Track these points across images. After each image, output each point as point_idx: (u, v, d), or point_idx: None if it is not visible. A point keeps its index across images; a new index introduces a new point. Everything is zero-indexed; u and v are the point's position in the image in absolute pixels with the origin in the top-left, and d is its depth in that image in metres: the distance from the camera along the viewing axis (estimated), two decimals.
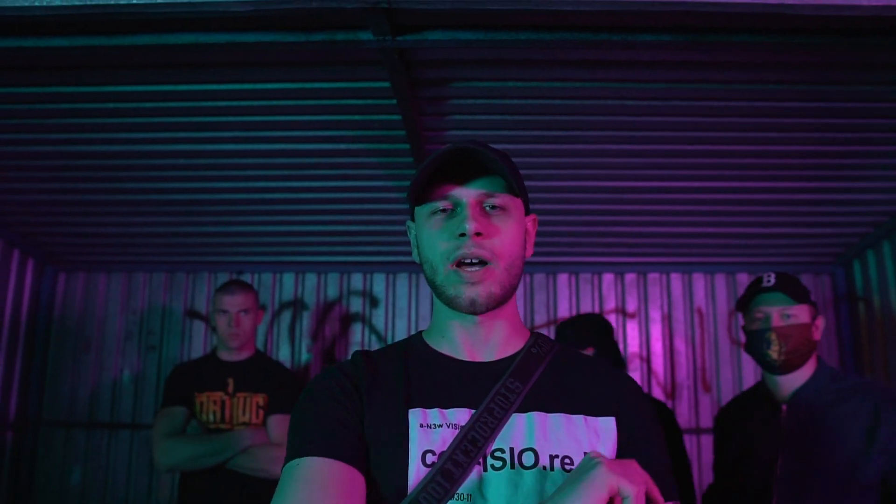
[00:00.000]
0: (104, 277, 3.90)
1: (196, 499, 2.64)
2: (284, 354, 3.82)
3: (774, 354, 2.00)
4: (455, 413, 1.03)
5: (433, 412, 1.02)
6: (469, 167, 1.06)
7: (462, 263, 1.03)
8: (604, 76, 2.22)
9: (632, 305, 3.85)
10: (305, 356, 3.83)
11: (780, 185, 2.91)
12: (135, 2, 1.61)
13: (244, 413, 2.68)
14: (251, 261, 3.84)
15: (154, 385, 3.77)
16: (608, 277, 3.87)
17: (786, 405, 2.05)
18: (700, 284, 3.85)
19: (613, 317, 3.84)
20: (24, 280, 3.70)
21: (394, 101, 2.26)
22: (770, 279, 2.04)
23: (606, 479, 0.84)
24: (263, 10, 1.64)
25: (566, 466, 1.00)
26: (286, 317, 3.86)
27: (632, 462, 0.89)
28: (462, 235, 1.03)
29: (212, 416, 2.67)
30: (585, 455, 0.90)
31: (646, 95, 2.32)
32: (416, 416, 1.02)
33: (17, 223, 3.42)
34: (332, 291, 3.88)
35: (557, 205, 3.10)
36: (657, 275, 3.86)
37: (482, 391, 1.05)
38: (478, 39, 1.85)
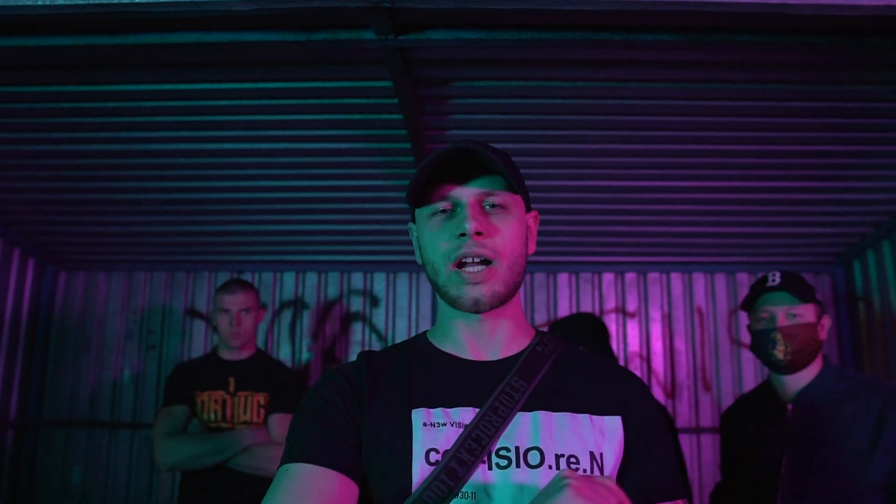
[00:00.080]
0: (105, 277, 3.90)
1: (197, 498, 2.64)
2: (285, 353, 3.82)
3: (780, 354, 1.99)
4: (459, 412, 1.02)
5: (437, 411, 1.02)
6: (468, 167, 1.06)
7: (463, 264, 1.03)
8: (605, 76, 2.22)
9: (632, 305, 3.85)
10: (306, 355, 3.83)
11: (780, 185, 2.91)
12: (137, 1, 1.61)
13: (245, 412, 2.68)
14: (252, 260, 3.84)
15: (154, 384, 3.77)
16: (608, 277, 3.88)
17: (791, 405, 2.03)
18: (700, 284, 3.86)
19: (613, 316, 3.84)
20: (25, 279, 3.70)
21: (395, 101, 2.26)
22: (775, 278, 2.02)
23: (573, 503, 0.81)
24: (266, 10, 1.64)
25: (572, 466, 0.99)
26: (287, 316, 3.86)
27: (606, 481, 0.84)
28: (462, 235, 1.03)
29: (213, 415, 2.67)
30: (556, 475, 0.85)
31: (647, 95, 2.32)
32: (420, 416, 1.02)
33: (18, 222, 3.42)
34: (333, 291, 3.88)
35: (558, 204, 3.10)
36: (657, 274, 3.86)
37: (487, 390, 1.04)
38: (479, 39, 1.86)
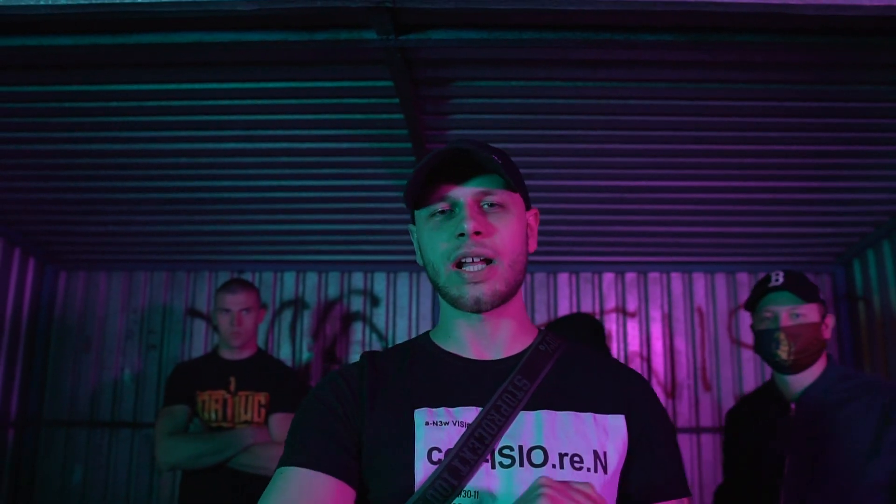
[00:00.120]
0: (105, 276, 3.90)
1: (197, 497, 2.64)
2: (285, 353, 3.82)
3: (783, 354, 1.98)
4: (462, 411, 1.02)
5: (440, 410, 1.02)
6: (466, 166, 1.05)
7: (463, 263, 1.03)
8: (605, 76, 2.22)
9: (632, 305, 3.85)
10: (306, 355, 3.83)
11: (780, 185, 2.92)
12: (139, 0, 1.61)
13: (246, 411, 2.68)
14: (252, 260, 3.84)
15: (155, 384, 3.77)
16: (608, 277, 3.88)
17: (795, 404, 2.02)
18: (700, 284, 3.86)
19: (614, 316, 3.84)
20: (25, 279, 3.70)
21: (396, 101, 2.26)
22: (778, 278, 2.00)
23: None
24: (267, 10, 1.64)
25: (575, 464, 0.99)
26: (287, 316, 3.86)
27: (583, 487, 0.83)
28: (461, 235, 1.02)
29: (213, 415, 2.67)
30: (534, 482, 0.84)
31: (647, 95, 2.32)
32: (423, 415, 1.01)
33: (19, 222, 3.42)
34: (333, 290, 3.88)
35: (558, 204, 3.10)
36: (657, 274, 3.86)
37: (489, 389, 1.04)
38: (481, 39, 1.86)
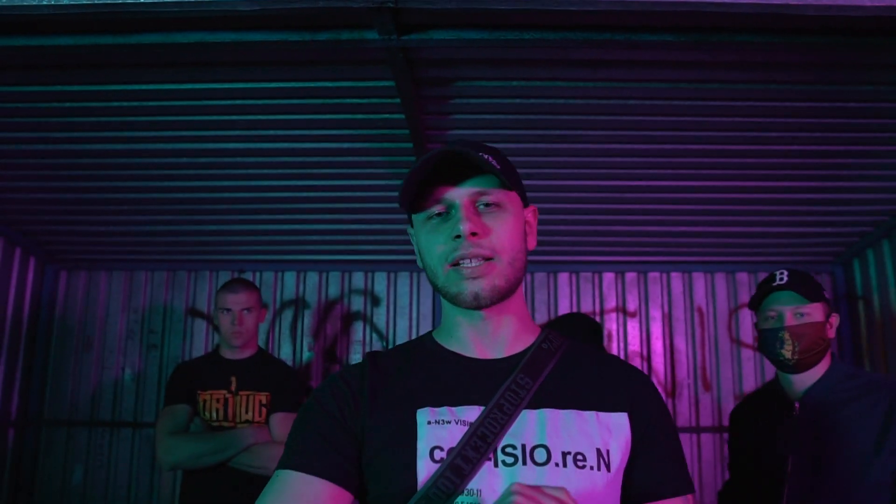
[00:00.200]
0: (106, 276, 3.90)
1: (198, 497, 2.64)
2: (286, 353, 3.82)
3: (788, 354, 1.97)
4: (464, 410, 1.02)
5: (442, 410, 1.02)
6: (460, 167, 1.04)
7: (460, 263, 1.02)
8: (606, 76, 2.23)
9: (632, 304, 3.85)
10: (307, 355, 3.83)
11: (780, 185, 2.92)
12: (141, 0, 1.61)
13: (247, 411, 2.68)
14: (253, 259, 3.84)
15: (155, 384, 3.77)
16: (609, 276, 3.88)
17: (798, 403, 2.01)
18: (700, 283, 3.86)
19: (614, 316, 3.85)
20: (26, 279, 3.70)
21: (397, 101, 2.27)
22: (783, 277, 1.99)
23: None
24: (269, 10, 1.65)
25: (578, 463, 0.99)
26: (288, 315, 3.87)
27: (556, 492, 0.83)
28: (458, 237, 1.02)
29: (215, 414, 2.68)
30: (506, 489, 0.85)
31: (648, 95, 2.33)
32: (425, 414, 1.01)
33: (19, 222, 3.42)
34: (334, 290, 3.89)
35: (559, 204, 3.10)
36: (657, 274, 3.87)
37: (492, 388, 1.04)
38: (482, 39, 1.86)
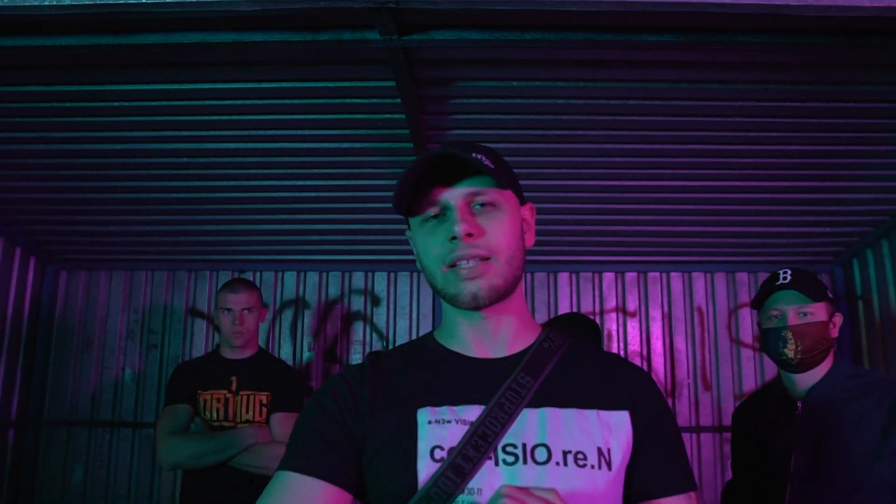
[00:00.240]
0: (106, 276, 3.90)
1: (199, 497, 2.64)
2: (286, 353, 3.82)
3: (790, 353, 1.96)
4: (465, 409, 1.02)
5: (443, 409, 1.02)
6: (454, 167, 1.04)
7: (458, 264, 1.02)
8: (606, 76, 2.23)
9: (632, 304, 3.86)
10: (307, 354, 3.84)
11: (780, 185, 2.93)
12: (143, 1, 1.61)
13: (247, 411, 2.68)
14: (253, 259, 3.84)
15: (156, 384, 3.77)
16: (609, 276, 3.89)
17: (801, 402, 2.01)
18: (700, 283, 3.87)
19: (614, 316, 3.85)
20: (26, 279, 3.70)
21: (398, 101, 2.27)
22: (786, 276, 1.98)
23: None
24: (270, 10, 1.65)
25: (579, 462, 0.99)
26: (288, 315, 3.87)
27: (545, 494, 0.84)
28: (454, 239, 1.02)
29: (215, 414, 2.68)
30: (496, 491, 0.86)
31: (648, 95, 2.33)
32: (425, 414, 1.02)
33: (19, 222, 3.42)
34: (334, 290, 3.89)
35: (559, 204, 3.11)
36: (657, 274, 3.87)
37: (493, 387, 1.04)
38: (483, 39, 1.86)
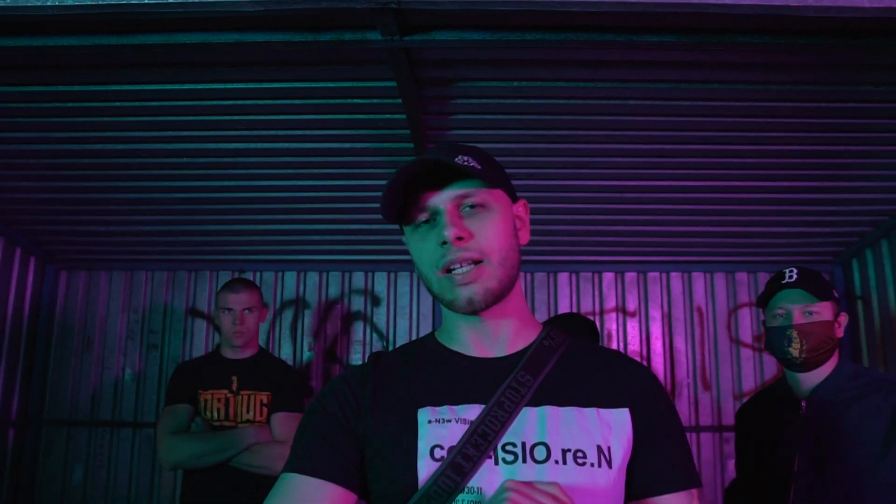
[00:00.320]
0: (106, 276, 3.90)
1: (199, 497, 2.64)
2: (286, 353, 3.82)
3: (795, 352, 1.95)
4: (465, 409, 1.02)
5: (443, 409, 1.02)
6: (442, 171, 1.03)
7: (451, 269, 1.02)
8: (607, 76, 2.23)
9: (632, 304, 3.86)
10: (307, 354, 3.84)
11: (780, 185, 2.93)
12: (145, 1, 1.62)
13: (248, 411, 2.68)
14: (253, 259, 3.84)
15: (156, 384, 3.77)
16: (608, 276, 3.89)
17: (805, 402, 2.01)
18: (700, 283, 3.87)
19: (613, 316, 3.85)
20: (26, 279, 3.70)
21: (399, 101, 2.27)
22: (792, 275, 1.98)
23: None
24: (273, 10, 1.65)
25: (578, 460, 0.99)
26: (288, 315, 3.87)
27: (549, 488, 0.85)
28: (444, 243, 1.02)
29: (216, 414, 2.68)
30: (500, 485, 0.86)
31: (648, 95, 2.33)
32: (426, 413, 1.02)
33: (19, 222, 3.42)
34: (334, 290, 3.89)
35: (559, 204, 3.11)
36: (657, 274, 3.88)
37: (493, 386, 1.04)
38: (484, 39, 1.87)
